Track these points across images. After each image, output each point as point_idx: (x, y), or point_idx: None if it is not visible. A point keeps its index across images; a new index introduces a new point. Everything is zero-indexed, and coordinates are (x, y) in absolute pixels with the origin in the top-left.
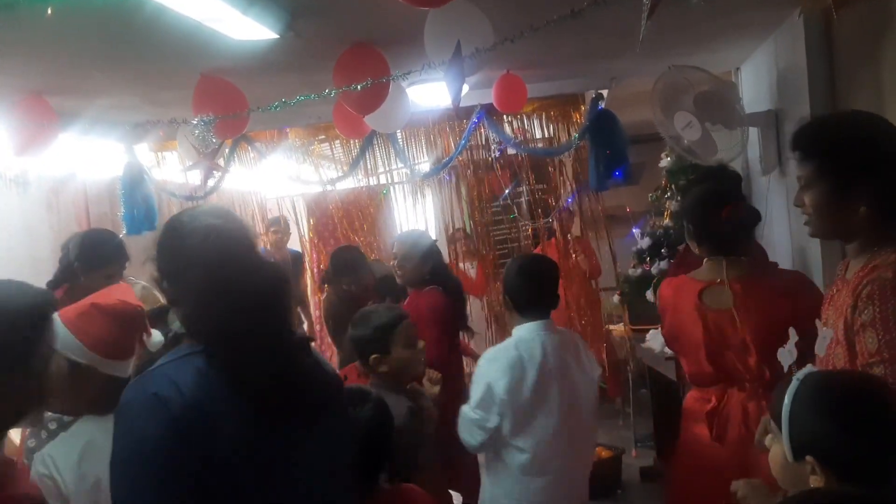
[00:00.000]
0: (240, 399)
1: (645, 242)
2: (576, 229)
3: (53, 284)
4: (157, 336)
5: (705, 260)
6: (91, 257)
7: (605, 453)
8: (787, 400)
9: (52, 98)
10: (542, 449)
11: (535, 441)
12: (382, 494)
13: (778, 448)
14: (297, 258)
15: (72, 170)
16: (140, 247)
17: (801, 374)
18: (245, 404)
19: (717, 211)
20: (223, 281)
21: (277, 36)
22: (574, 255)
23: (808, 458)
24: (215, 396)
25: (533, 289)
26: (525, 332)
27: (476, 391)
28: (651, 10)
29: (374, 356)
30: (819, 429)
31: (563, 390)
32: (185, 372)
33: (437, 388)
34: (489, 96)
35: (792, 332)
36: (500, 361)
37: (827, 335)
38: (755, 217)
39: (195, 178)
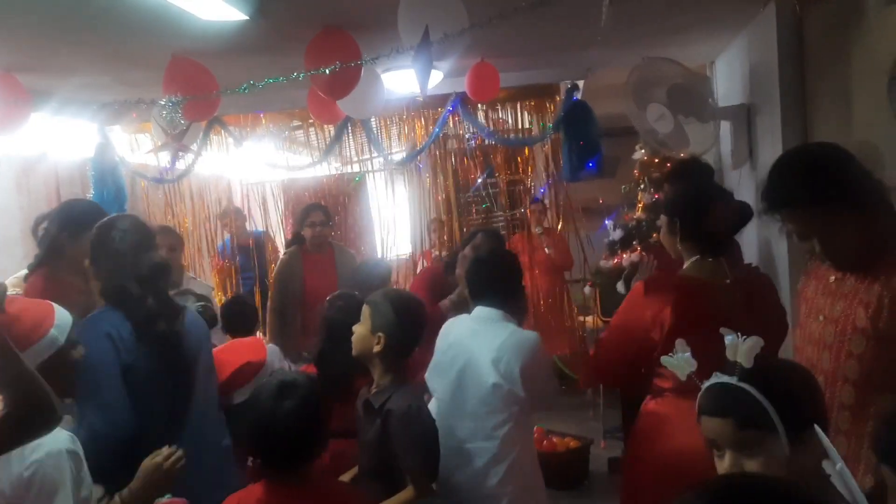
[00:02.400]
0: (140, 336)
1: (617, 234)
2: (550, 221)
3: (37, 264)
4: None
5: (696, 259)
6: (77, 223)
7: (573, 443)
8: (761, 398)
9: (22, 76)
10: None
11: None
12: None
13: (764, 454)
14: (259, 238)
15: (43, 150)
16: None
17: (730, 378)
18: (142, 338)
19: (713, 208)
20: (129, 266)
21: (246, 17)
22: (546, 249)
23: (811, 430)
24: (128, 334)
25: (482, 277)
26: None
27: None
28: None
29: None
30: (808, 400)
31: (461, 375)
32: (113, 319)
33: None
34: (464, 84)
35: (681, 342)
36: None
37: (756, 344)
38: (749, 215)
39: (167, 160)
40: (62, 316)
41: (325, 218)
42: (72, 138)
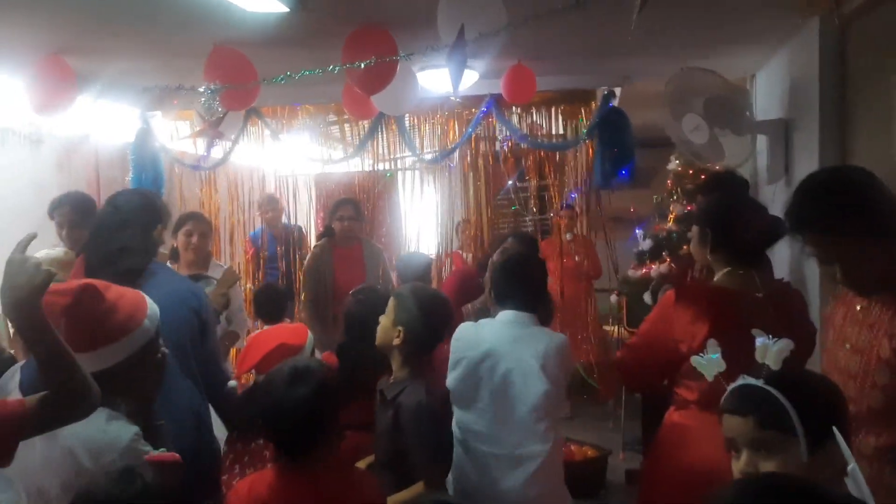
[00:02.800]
0: None
1: (647, 244)
2: (580, 229)
3: (86, 249)
4: None
5: (727, 270)
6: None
7: (591, 452)
8: (784, 401)
9: (70, 58)
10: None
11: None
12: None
13: (781, 456)
14: (300, 231)
15: (85, 132)
16: None
17: (756, 381)
18: None
19: (747, 220)
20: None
21: (288, 10)
22: (575, 256)
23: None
24: None
25: (510, 281)
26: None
27: None
28: (642, 2)
29: None
30: (832, 409)
31: (504, 382)
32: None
33: None
34: (500, 86)
35: (713, 343)
36: (457, 332)
37: (786, 347)
38: (783, 230)
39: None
40: (153, 306)
41: (354, 213)
42: (114, 122)
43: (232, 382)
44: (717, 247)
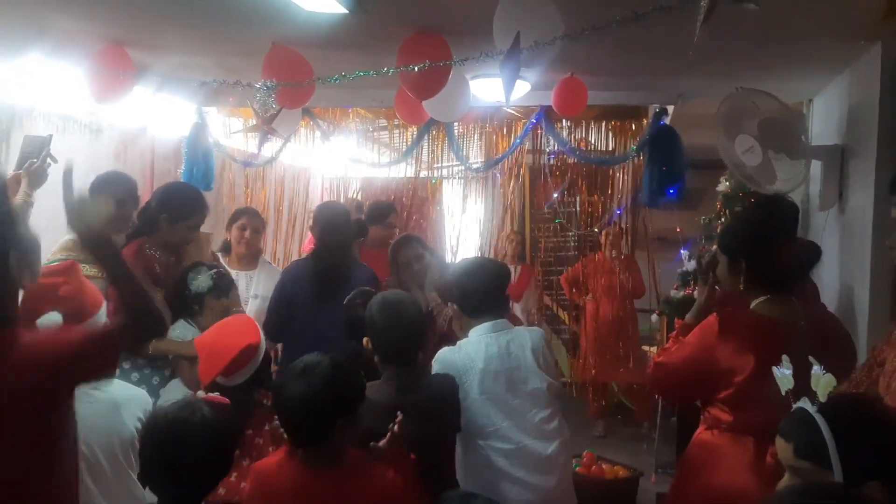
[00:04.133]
0: None
1: (691, 265)
2: (625, 247)
3: (134, 234)
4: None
5: (765, 298)
6: (179, 209)
7: (622, 472)
8: (826, 434)
9: (130, 50)
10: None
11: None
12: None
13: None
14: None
15: (143, 124)
16: None
17: (811, 407)
18: None
19: (784, 246)
20: None
21: (346, 11)
22: (619, 273)
23: (873, 482)
24: None
25: (480, 291)
26: (473, 335)
27: None
28: (707, 14)
29: None
30: (880, 454)
31: (510, 391)
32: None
33: None
34: (550, 98)
35: (786, 358)
36: (439, 363)
37: (830, 382)
38: (818, 255)
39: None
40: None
41: (397, 221)
42: (170, 116)
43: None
44: (752, 277)
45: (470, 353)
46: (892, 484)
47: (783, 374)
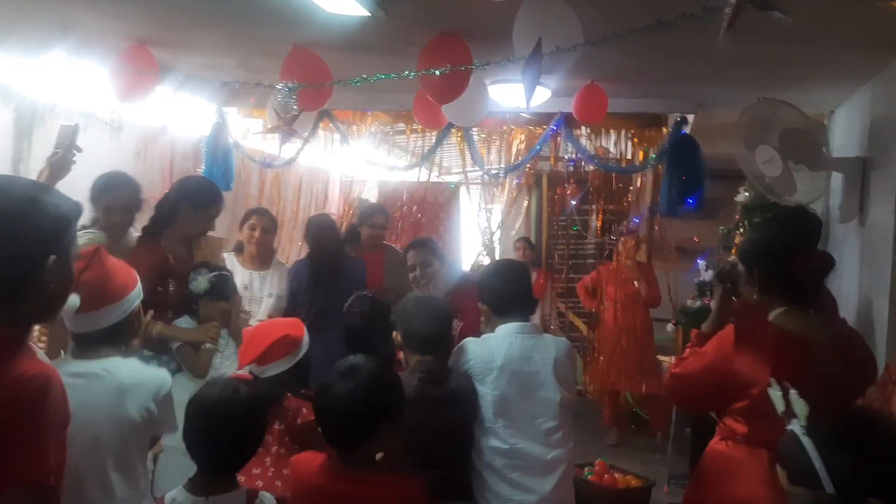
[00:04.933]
0: None
1: (708, 275)
2: (642, 255)
3: (155, 227)
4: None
5: (782, 310)
6: (200, 198)
7: (634, 482)
8: (814, 455)
9: (153, 49)
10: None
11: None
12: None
13: None
14: None
15: (164, 122)
16: None
17: (799, 429)
18: None
19: (799, 257)
20: None
21: (368, 13)
22: (635, 282)
23: (872, 500)
24: None
25: (507, 292)
26: (499, 332)
27: None
28: (730, 21)
29: None
30: (872, 469)
31: (521, 394)
32: None
33: None
34: (570, 105)
35: (774, 381)
36: (461, 351)
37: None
38: (831, 265)
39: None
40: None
41: (385, 222)
42: (191, 115)
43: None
44: (766, 287)
45: (492, 348)
46: (890, 498)
47: (775, 396)
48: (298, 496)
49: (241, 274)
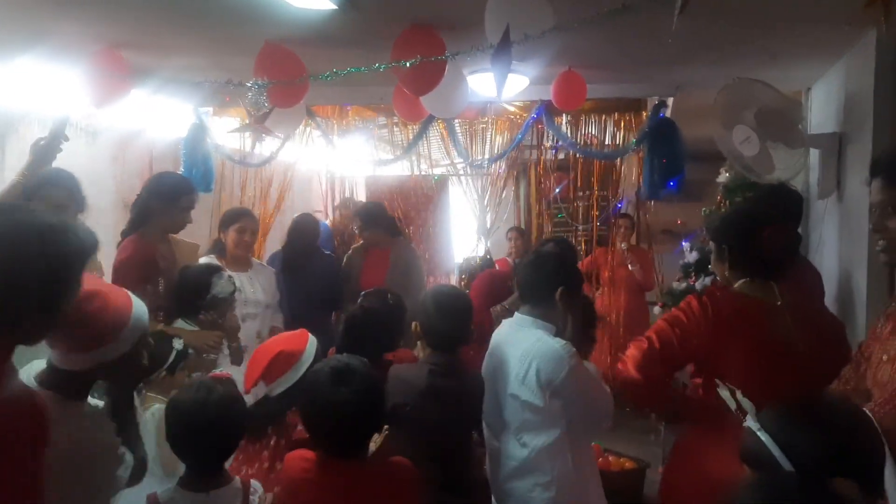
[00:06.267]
0: None
1: (693, 256)
2: (634, 239)
3: (130, 229)
4: None
5: (745, 280)
6: (167, 191)
7: (628, 464)
8: (772, 447)
9: (126, 52)
10: None
11: None
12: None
13: None
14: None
15: (140, 126)
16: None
17: (755, 424)
18: None
19: (759, 231)
20: None
21: (335, 6)
22: (629, 265)
23: (838, 479)
24: None
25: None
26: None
27: None
28: (683, 5)
29: None
30: (830, 451)
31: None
32: None
33: None
34: (550, 93)
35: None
36: None
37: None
38: (795, 239)
39: (264, 146)
40: (138, 302)
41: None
42: (168, 117)
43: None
44: (734, 262)
45: (497, 332)
46: (856, 477)
47: (725, 395)
48: (291, 492)
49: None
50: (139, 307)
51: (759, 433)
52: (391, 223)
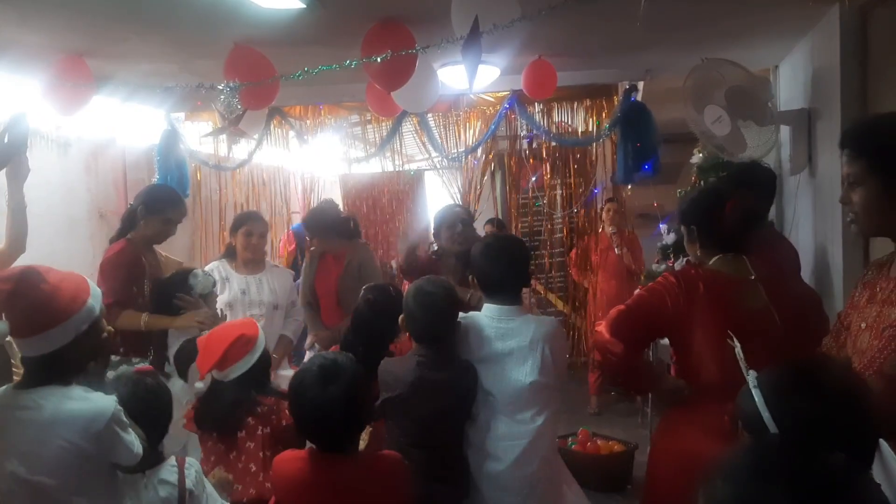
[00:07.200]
0: None
1: (670, 238)
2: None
3: (119, 234)
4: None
5: (718, 257)
6: (154, 202)
7: (617, 447)
8: (760, 404)
9: (92, 61)
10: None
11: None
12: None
13: None
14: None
15: (112, 135)
16: None
17: (752, 381)
18: None
19: (721, 206)
20: None
21: (304, 6)
22: (618, 250)
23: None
24: None
25: (497, 271)
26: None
27: None
28: None
29: None
30: (818, 418)
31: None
32: None
33: None
34: (521, 82)
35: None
36: None
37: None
38: (762, 211)
39: (237, 150)
40: (94, 287)
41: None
42: (140, 125)
43: (198, 384)
44: (704, 241)
45: (474, 332)
46: (843, 449)
47: (738, 353)
48: (285, 493)
49: (236, 280)
50: (96, 293)
51: (753, 391)
52: (343, 226)
